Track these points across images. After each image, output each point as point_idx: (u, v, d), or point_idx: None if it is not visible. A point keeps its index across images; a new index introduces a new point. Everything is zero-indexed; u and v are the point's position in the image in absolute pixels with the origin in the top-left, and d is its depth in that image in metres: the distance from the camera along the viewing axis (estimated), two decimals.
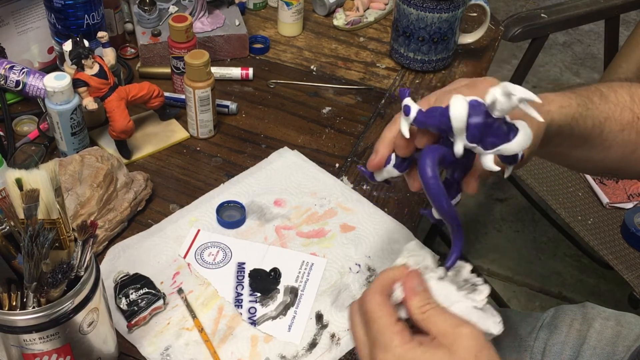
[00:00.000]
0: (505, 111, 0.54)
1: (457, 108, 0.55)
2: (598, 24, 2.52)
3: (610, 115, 0.73)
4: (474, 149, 0.57)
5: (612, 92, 0.74)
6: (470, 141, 0.56)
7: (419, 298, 0.57)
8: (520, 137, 0.56)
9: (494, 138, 0.56)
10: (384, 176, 0.67)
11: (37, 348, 0.65)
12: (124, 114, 0.98)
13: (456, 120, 0.55)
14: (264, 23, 1.35)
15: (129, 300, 0.81)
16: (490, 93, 0.54)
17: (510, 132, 0.56)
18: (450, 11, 1.15)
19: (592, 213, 1.42)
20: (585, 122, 0.71)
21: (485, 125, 0.55)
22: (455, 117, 0.55)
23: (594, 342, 0.91)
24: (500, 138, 0.56)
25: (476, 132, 0.55)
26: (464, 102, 0.55)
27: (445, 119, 0.56)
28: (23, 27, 1.13)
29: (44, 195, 0.63)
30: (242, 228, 0.94)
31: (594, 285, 1.98)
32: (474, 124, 0.55)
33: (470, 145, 0.57)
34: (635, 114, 0.74)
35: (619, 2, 1.61)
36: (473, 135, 0.56)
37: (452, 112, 0.55)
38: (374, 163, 0.66)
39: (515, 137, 0.55)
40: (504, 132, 0.56)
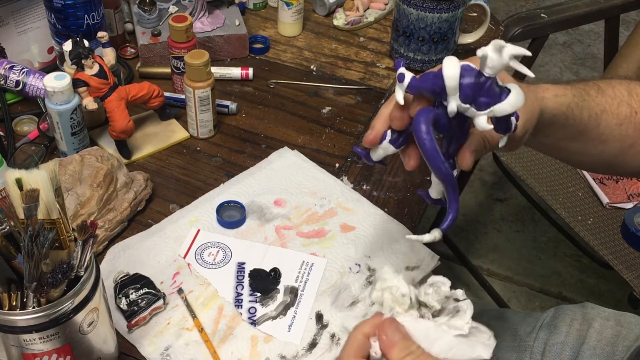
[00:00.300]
0: (497, 68, 0.55)
1: (450, 67, 0.57)
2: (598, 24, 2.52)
3: (607, 108, 0.73)
4: (467, 111, 0.58)
5: (610, 87, 0.74)
6: (463, 101, 0.57)
7: (397, 349, 0.55)
8: (512, 96, 0.56)
9: (486, 98, 0.57)
10: (380, 154, 0.67)
11: (37, 348, 0.65)
12: (124, 114, 0.98)
13: (449, 78, 0.56)
14: (264, 23, 1.35)
15: (129, 300, 0.81)
16: (482, 49, 0.55)
17: (502, 93, 0.57)
18: (450, 11, 1.15)
19: (592, 213, 1.42)
20: (581, 112, 0.71)
21: (477, 84, 0.56)
22: (448, 75, 0.56)
23: (594, 342, 0.91)
24: (493, 98, 0.57)
25: (469, 91, 0.57)
26: (456, 62, 0.57)
27: (438, 80, 0.57)
28: (23, 27, 1.13)
29: (44, 195, 0.63)
30: (242, 228, 0.94)
31: (594, 285, 1.98)
32: (467, 83, 0.56)
33: (463, 106, 0.57)
34: (633, 108, 0.74)
35: (619, 2, 1.60)
36: (465, 94, 0.57)
37: (445, 71, 0.57)
38: (370, 138, 0.66)
39: (507, 97, 0.56)
40: (496, 93, 0.57)
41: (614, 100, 0.73)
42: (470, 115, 0.58)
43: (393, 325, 0.57)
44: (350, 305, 0.85)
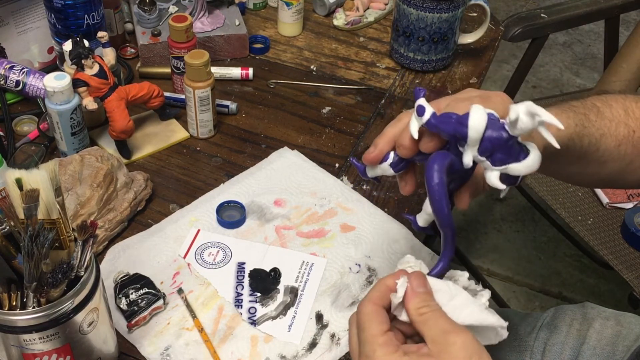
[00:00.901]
0: (525, 131, 0.53)
1: (477, 118, 0.54)
2: (598, 24, 2.52)
3: (605, 131, 0.72)
4: (481, 163, 0.56)
5: (607, 108, 0.74)
6: (480, 154, 0.55)
7: (418, 299, 0.57)
8: (530, 159, 0.55)
9: (504, 155, 0.55)
10: (377, 173, 0.66)
11: (37, 348, 0.65)
12: (124, 114, 0.98)
13: (473, 130, 0.54)
14: (264, 23, 1.35)
15: (129, 300, 0.81)
16: (514, 110, 0.53)
17: (520, 153, 0.55)
18: (450, 11, 1.15)
19: (592, 213, 1.42)
20: (582, 140, 0.71)
21: (500, 140, 0.54)
22: (474, 127, 0.54)
23: (594, 342, 0.91)
24: (511, 157, 0.55)
25: (489, 145, 0.55)
26: (484, 113, 0.54)
27: (462, 127, 0.55)
28: (23, 27, 1.13)
29: (44, 195, 0.63)
30: (242, 228, 0.94)
31: (594, 285, 1.98)
32: (490, 138, 0.54)
33: (479, 158, 0.56)
34: (631, 127, 0.73)
35: (619, 2, 1.61)
36: (485, 148, 0.55)
37: (472, 121, 0.54)
38: (371, 157, 0.64)
39: (525, 159, 0.55)
40: (515, 152, 0.55)
41: (612, 122, 0.73)
42: (482, 166, 0.57)
43: (420, 279, 0.58)
44: (350, 305, 0.85)
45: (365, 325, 0.57)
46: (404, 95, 1.19)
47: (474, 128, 0.54)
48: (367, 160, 0.65)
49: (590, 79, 2.72)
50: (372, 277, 0.88)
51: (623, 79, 1.58)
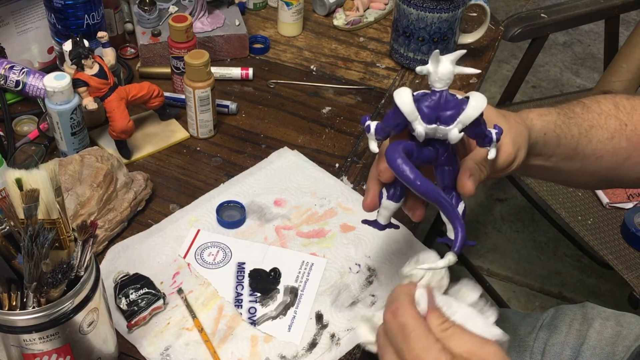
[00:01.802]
0: (444, 79, 0.56)
1: (401, 94, 0.57)
2: (598, 24, 2.52)
3: (595, 123, 0.73)
4: (436, 132, 0.58)
5: (595, 103, 0.75)
6: (427, 122, 0.57)
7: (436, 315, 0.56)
8: (472, 100, 0.57)
9: (448, 111, 0.57)
10: (385, 215, 0.67)
11: (37, 348, 0.65)
12: (124, 114, 0.98)
13: (402, 104, 0.57)
14: (264, 23, 1.35)
15: (129, 300, 0.81)
16: (419, 67, 0.56)
17: (462, 103, 0.57)
18: (450, 11, 1.15)
19: (592, 213, 1.42)
20: (570, 129, 0.71)
21: (433, 101, 0.57)
22: (400, 102, 0.57)
23: (594, 342, 0.91)
24: (455, 109, 0.57)
25: (428, 110, 0.57)
26: (406, 89, 0.58)
27: (396, 112, 0.58)
28: (23, 27, 1.13)
29: (44, 195, 0.63)
30: (242, 228, 0.94)
31: (594, 285, 1.98)
32: (423, 104, 0.57)
33: (430, 127, 0.58)
34: (622, 121, 0.74)
35: (619, 2, 1.61)
36: (427, 115, 0.57)
37: (397, 99, 0.57)
38: (368, 202, 0.66)
39: (469, 103, 0.57)
40: (456, 104, 0.57)
41: (600, 115, 0.74)
42: (442, 136, 0.58)
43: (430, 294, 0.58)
44: (350, 305, 0.85)
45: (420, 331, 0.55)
46: None
47: (401, 102, 0.57)
48: (366, 207, 0.66)
49: (590, 79, 2.72)
50: (372, 277, 0.88)
51: (623, 79, 1.58)
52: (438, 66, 0.56)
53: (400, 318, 0.56)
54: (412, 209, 0.67)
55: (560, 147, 0.71)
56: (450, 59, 0.56)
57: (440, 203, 0.59)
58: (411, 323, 0.55)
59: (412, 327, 0.55)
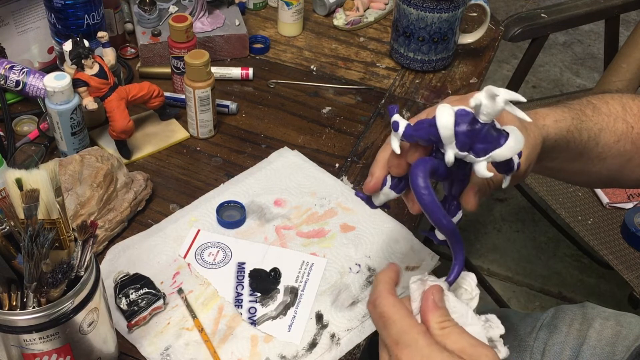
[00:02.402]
0: (492, 115, 0.54)
1: (444, 116, 0.55)
2: (598, 24, 2.52)
3: (604, 126, 0.73)
4: (465, 158, 0.56)
5: (604, 104, 0.74)
6: (460, 149, 0.56)
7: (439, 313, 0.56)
8: (511, 141, 0.55)
9: (484, 144, 0.55)
10: (382, 200, 0.66)
11: (37, 348, 0.65)
12: (124, 114, 0.98)
13: (443, 128, 0.55)
14: (264, 23, 1.35)
15: (129, 300, 0.81)
16: (474, 97, 0.54)
17: (500, 138, 0.55)
18: (450, 11, 1.15)
19: (592, 213, 1.42)
20: (581, 134, 0.71)
21: (473, 131, 0.55)
22: (442, 124, 0.55)
23: (594, 342, 0.91)
24: (491, 144, 0.55)
25: (465, 139, 0.55)
26: (450, 110, 0.55)
27: (433, 129, 0.56)
28: (23, 27, 1.13)
29: (44, 195, 0.63)
30: (242, 228, 0.94)
31: (594, 285, 1.98)
32: (462, 131, 0.55)
33: (461, 154, 0.56)
34: (629, 123, 0.74)
35: (619, 2, 1.61)
36: (462, 142, 0.55)
37: (439, 120, 0.55)
38: (370, 186, 0.65)
39: (506, 142, 0.55)
40: (494, 138, 0.55)
41: (609, 117, 0.73)
42: (469, 161, 0.57)
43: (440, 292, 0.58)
44: (350, 305, 0.85)
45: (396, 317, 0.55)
46: (404, 96, 1.19)
47: (442, 125, 0.55)
48: (367, 190, 0.66)
49: (590, 79, 2.72)
50: (372, 277, 0.88)
51: (623, 79, 1.58)
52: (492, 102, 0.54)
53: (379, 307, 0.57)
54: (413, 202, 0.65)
55: (567, 151, 0.71)
56: (506, 98, 0.54)
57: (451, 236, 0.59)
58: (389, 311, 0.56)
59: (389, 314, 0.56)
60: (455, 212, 0.63)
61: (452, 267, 0.60)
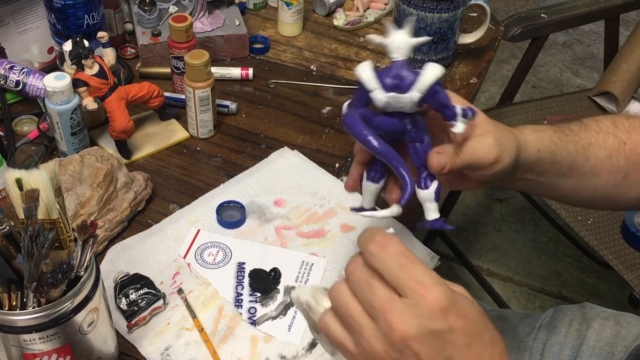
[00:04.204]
0: (401, 48, 0.59)
1: (362, 67, 0.61)
2: (598, 24, 2.52)
3: (593, 141, 0.73)
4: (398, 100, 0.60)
5: (593, 122, 0.74)
6: (388, 90, 0.60)
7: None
8: (428, 67, 0.59)
9: (406, 80, 0.59)
10: (368, 198, 0.69)
11: (37, 348, 0.65)
12: (124, 114, 0.98)
13: (362, 74, 0.60)
14: (264, 23, 1.35)
15: (129, 300, 0.81)
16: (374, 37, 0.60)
17: (418, 73, 0.60)
18: (450, 11, 1.15)
19: (592, 213, 1.42)
20: (567, 146, 0.71)
21: (391, 69, 0.60)
22: (362, 72, 0.60)
23: (593, 342, 0.91)
24: (412, 76, 0.59)
25: (387, 79, 0.60)
26: (368, 62, 0.61)
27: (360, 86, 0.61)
28: (23, 27, 1.13)
29: (44, 195, 0.63)
30: (242, 228, 0.94)
31: (594, 285, 1.98)
32: (382, 75, 0.60)
33: (389, 94, 0.60)
34: (621, 139, 0.73)
35: (619, 2, 1.61)
36: (386, 84, 0.60)
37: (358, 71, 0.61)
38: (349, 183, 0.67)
39: (424, 70, 0.59)
40: (413, 73, 0.60)
41: (599, 133, 0.73)
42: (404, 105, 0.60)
43: None
44: None
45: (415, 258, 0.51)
46: None
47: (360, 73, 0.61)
48: (348, 188, 0.69)
49: (590, 79, 2.72)
50: None
51: (623, 79, 1.58)
52: (394, 37, 0.59)
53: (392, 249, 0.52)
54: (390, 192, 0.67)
55: (555, 164, 0.71)
56: (405, 30, 0.59)
57: (388, 158, 0.61)
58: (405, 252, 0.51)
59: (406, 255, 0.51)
60: (430, 182, 0.64)
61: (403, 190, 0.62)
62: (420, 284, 0.49)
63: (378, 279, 0.52)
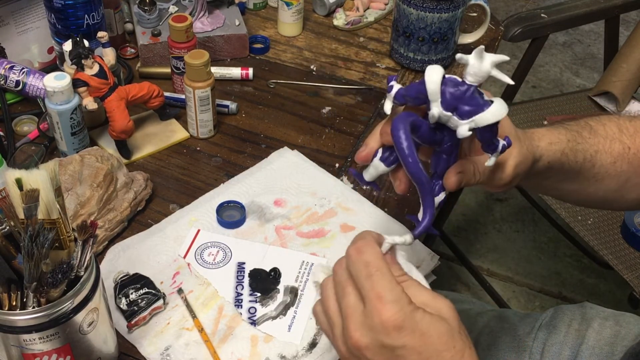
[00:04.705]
0: (478, 76, 0.56)
1: (433, 72, 0.57)
2: (598, 24, 2.52)
3: (600, 148, 0.73)
4: (449, 120, 0.58)
5: (601, 126, 0.75)
6: (445, 108, 0.58)
7: (398, 267, 0.58)
8: (495, 106, 0.57)
9: (468, 106, 0.57)
10: (372, 173, 0.67)
11: (37, 348, 0.65)
12: (124, 114, 0.98)
13: (430, 82, 0.57)
14: (264, 23, 1.35)
15: (129, 300, 0.81)
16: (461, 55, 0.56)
17: (485, 104, 0.57)
18: (450, 11, 1.15)
19: (592, 213, 1.42)
20: (576, 156, 0.71)
21: (459, 92, 0.57)
22: (430, 80, 0.57)
23: (593, 342, 0.91)
24: (475, 107, 0.57)
25: (450, 98, 0.57)
26: (439, 68, 0.57)
27: (422, 87, 0.58)
28: (23, 27, 1.13)
29: (44, 195, 0.63)
30: (242, 228, 0.94)
31: (594, 285, 1.98)
32: (448, 90, 0.57)
33: (445, 113, 0.58)
34: (626, 144, 0.74)
35: (619, 2, 1.61)
36: (447, 102, 0.57)
37: (427, 77, 0.57)
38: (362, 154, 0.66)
39: (489, 107, 0.57)
40: (478, 102, 0.57)
41: (606, 139, 0.74)
42: (453, 126, 0.58)
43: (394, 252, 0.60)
44: None
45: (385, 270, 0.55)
46: None
47: (430, 81, 0.57)
48: (359, 159, 0.67)
49: (590, 79, 2.72)
50: None
51: (623, 79, 1.58)
52: (480, 62, 0.56)
53: (365, 255, 0.56)
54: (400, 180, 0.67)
55: (562, 173, 0.72)
56: (493, 60, 0.56)
57: (421, 185, 0.60)
58: (376, 262, 0.55)
59: (376, 265, 0.55)
60: (438, 192, 0.64)
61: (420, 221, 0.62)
62: (378, 298, 0.53)
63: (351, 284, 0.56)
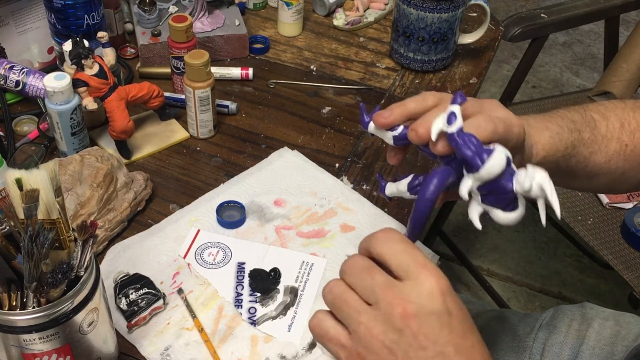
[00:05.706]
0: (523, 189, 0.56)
1: (496, 163, 0.55)
2: (598, 24, 2.52)
3: (596, 149, 0.72)
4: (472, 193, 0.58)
5: (604, 121, 0.73)
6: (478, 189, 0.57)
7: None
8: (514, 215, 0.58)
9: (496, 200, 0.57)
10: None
11: (37, 348, 0.65)
12: (124, 114, 0.98)
13: (487, 172, 0.55)
14: (264, 23, 1.35)
15: (129, 300, 0.81)
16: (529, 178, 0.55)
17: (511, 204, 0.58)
18: (450, 11, 1.15)
19: (592, 213, 1.42)
20: (570, 160, 0.71)
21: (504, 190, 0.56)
22: (490, 169, 0.55)
23: (593, 342, 0.91)
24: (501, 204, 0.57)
25: (492, 188, 0.56)
26: (504, 159, 0.55)
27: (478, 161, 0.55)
28: (23, 27, 1.13)
29: (44, 195, 0.63)
30: (242, 228, 0.94)
31: (594, 285, 1.98)
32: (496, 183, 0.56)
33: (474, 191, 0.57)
34: (624, 142, 0.73)
35: (619, 2, 1.61)
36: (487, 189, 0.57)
37: (490, 163, 0.55)
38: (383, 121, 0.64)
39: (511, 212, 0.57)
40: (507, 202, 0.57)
41: (604, 139, 0.73)
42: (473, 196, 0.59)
43: None
44: None
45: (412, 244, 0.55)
46: (404, 96, 1.19)
47: (489, 171, 0.55)
48: (377, 122, 0.65)
49: (590, 79, 2.72)
50: None
51: (623, 79, 1.58)
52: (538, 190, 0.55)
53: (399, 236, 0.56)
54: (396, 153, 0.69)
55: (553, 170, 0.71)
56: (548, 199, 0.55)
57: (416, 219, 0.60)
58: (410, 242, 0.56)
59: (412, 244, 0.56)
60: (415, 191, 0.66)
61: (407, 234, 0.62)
62: (423, 266, 0.52)
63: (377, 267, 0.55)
